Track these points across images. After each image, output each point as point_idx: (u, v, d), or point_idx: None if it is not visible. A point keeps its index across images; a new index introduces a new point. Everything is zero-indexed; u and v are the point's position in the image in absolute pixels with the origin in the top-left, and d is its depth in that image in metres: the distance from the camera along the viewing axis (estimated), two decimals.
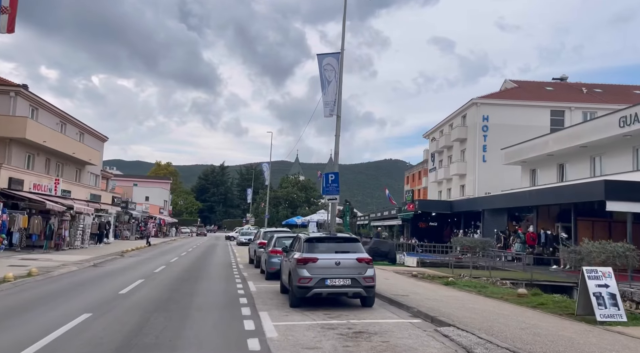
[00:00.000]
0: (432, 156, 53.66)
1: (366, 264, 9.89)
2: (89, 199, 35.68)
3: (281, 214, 66.40)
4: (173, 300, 10.77)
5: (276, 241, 15.72)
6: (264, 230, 21.16)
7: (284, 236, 16.61)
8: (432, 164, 53.64)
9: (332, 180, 18.39)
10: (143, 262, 22.40)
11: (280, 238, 15.96)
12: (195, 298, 11.19)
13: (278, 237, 16.06)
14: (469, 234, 33.23)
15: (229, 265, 21.39)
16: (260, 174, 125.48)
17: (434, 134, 53.71)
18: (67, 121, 34.29)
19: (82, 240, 30.35)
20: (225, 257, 27.28)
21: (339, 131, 19.16)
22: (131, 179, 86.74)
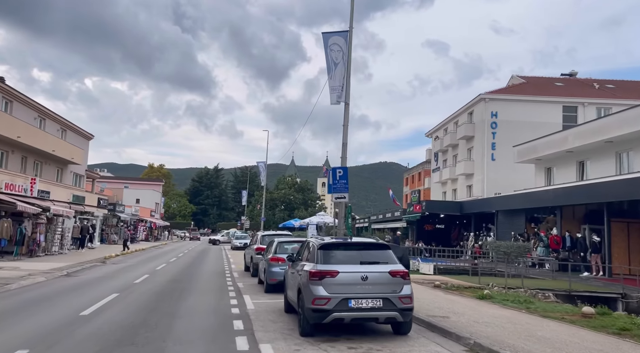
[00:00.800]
0: (436, 156, 51.39)
1: (402, 279, 7.50)
2: (71, 201, 33.04)
3: (278, 217, 63.85)
4: (146, 326, 8.27)
5: (277, 247, 13.29)
6: (261, 233, 18.70)
7: (287, 240, 14.18)
8: (436, 164, 51.36)
9: (341, 176, 15.99)
10: (125, 270, 19.86)
11: (283, 244, 13.53)
12: (176, 323, 8.70)
13: (280, 242, 13.63)
14: (481, 237, 30.93)
15: (222, 274, 18.90)
16: (255, 176, 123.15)
17: (437, 133, 51.49)
18: (47, 117, 31.66)
19: (61, 245, 27.72)
20: (219, 264, 24.77)
21: (348, 120, 16.80)
22: (121, 181, 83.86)
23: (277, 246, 13.24)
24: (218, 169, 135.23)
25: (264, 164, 52.72)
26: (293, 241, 13.71)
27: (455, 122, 45.84)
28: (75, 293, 12.70)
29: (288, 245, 13.65)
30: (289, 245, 13.54)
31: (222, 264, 24.37)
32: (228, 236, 58.44)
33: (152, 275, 17.70)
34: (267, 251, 14.59)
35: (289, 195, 65.26)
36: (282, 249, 13.16)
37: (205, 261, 27.03)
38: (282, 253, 12.88)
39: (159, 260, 26.29)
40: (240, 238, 43.31)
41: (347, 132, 16.75)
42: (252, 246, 18.52)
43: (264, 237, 17.81)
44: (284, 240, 13.87)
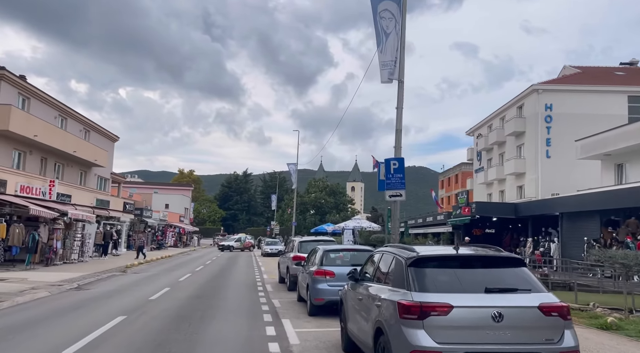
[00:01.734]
0: (479, 155, 47.70)
1: (560, 318, 4.59)
2: (94, 205, 31.27)
3: (308, 221, 61.25)
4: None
5: (324, 257, 10.48)
6: (299, 239, 15.95)
7: (336, 249, 11.33)
8: (479, 163, 47.66)
9: (396, 169, 13.12)
10: (143, 282, 17.48)
11: (330, 253, 10.71)
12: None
13: (326, 251, 10.78)
14: (542, 242, 27.35)
15: (253, 286, 16.25)
16: (284, 180, 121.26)
17: (480, 130, 47.80)
18: (69, 116, 30.00)
19: (82, 253, 25.77)
20: (249, 273, 22.19)
21: (402, 102, 13.95)
22: (151, 186, 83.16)
23: (324, 256, 10.44)
24: (247, 174, 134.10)
25: (294, 166, 50.25)
26: (345, 250, 10.91)
27: (502, 118, 42.18)
28: (72, 315, 10.25)
29: (333, 254, 10.84)
30: (334, 254, 10.74)
31: (252, 273, 21.78)
32: (241, 241, 54.30)
33: (172, 289, 15.21)
34: (309, 261, 11.83)
35: (320, 199, 62.60)
36: (330, 260, 10.38)
37: (235, 269, 24.52)
38: (331, 265, 10.12)
39: (184, 269, 23.95)
40: (271, 244, 40.80)
41: (402, 115, 13.89)
42: (288, 254, 15.82)
43: (303, 244, 15.08)
44: (331, 247, 11.04)
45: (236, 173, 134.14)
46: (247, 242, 58.08)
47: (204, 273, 22.01)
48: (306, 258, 12.32)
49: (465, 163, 70.54)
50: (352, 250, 10.73)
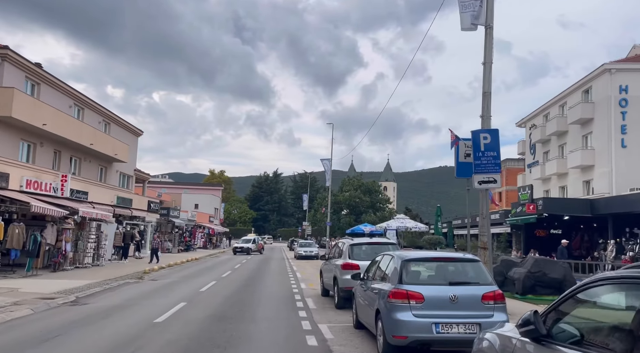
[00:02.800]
0: (533, 148, 43.08)
1: None
2: (114, 203, 28.71)
3: (343, 221, 57.70)
4: None
5: (404, 269, 6.83)
6: (348, 241, 12.38)
7: (419, 257, 7.57)
8: (533, 157, 43.04)
9: (488, 145, 9.52)
10: (157, 293, 14.38)
11: (410, 263, 7.04)
12: None
13: (406, 260, 7.05)
14: (631, 245, 22.92)
15: (290, 301, 12.87)
16: (315, 180, 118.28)
17: (534, 121, 43.17)
18: (86, 106, 27.55)
19: (97, 256, 23.09)
20: (284, 282, 18.86)
21: (492, 53, 10.31)
22: (180, 186, 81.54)
23: (403, 268, 6.79)
24: (277, 174, 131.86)
25: (328, 162, 46.86)
26: (435, 259, 7.26)
27: (562, 106, 37.56)
28: (38, 350, 7.10)
29: (420, 265, 7.23)
30: (423, 265, 7.16)
31: (287, 282, 18.43)
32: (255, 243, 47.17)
33: (190, 304, 12.00)
34: (372, 273, 8.32)
35: (355, 198, 58.89)
36: (413, 274, 6.81)
37: (266, 276, 21.24)
38: (415, 283, 6.57)
39: (209, 275, 20.86)
40: (305, 246, 37.51)
41: (491, 73, 10.23)
42: (334, 261, 12.35)
43: (355, 248, 11.57)
44: (412, 256, 7.36)
45: (266, 173, 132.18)
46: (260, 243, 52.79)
47: (231, 280, 18.83)
48: (367, 268, 8.79)
49: (510, 159, 65.47)
50: (447, 259, 7.14)
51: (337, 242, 13.40)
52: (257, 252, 45.64)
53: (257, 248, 46.53)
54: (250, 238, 49.09)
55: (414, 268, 6.85)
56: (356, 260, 11.12)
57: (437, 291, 6.34)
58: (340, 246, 12.39)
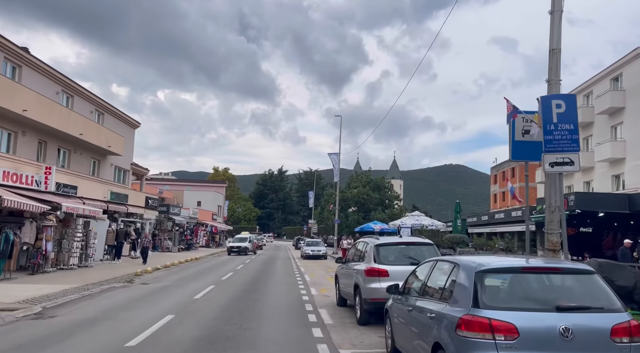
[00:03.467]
0: None
1: None
2: (108, 199, 26.61)
3: (351, 219, 55.32)
4: None
5: (479, 284, 4.51)
6: (372, 240, 9.97)
7: (504, 267, 5.03)
8: None
9: (562, 115, 7.26)
10: (143, 301, 12.19)
11: (487, 275, 4.69)
12: None
13: (481, 271, 4.66)
14: None
15: (300, 314, 10.65)
16: (320, 178, 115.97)
17: None
18: (76, 93, 25.42)
19: (85, 256, 20.97)
20: (292, 286, 16.64)
21: (561, 2, 8.01)
22: (183, 183, 79.54)
23: (478, 282, 4.44)
24: (282, 171, 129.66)
25: (336, 156, 44.58)
26: (541, 270, 4.88)
27: (586, 96, 35.11)
28: None
29: (517, 282, 4.77)
30: (516, 280, 4.80)
31: (296, 287, 16.21)
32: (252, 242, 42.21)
33: (179, 317, 9.81)
34: (414, 284, 6.07)
35: (363, 194, 56.45)
36: (497, 293, 4.49)
37: (271, 280, 19.02)
38: (502, 308, 4.27)
39: (208, 278, 18.68)
40: (312, 245, 35.31)
41: (560, 24, 8.02)
42: (355, 265, 10.07)
43: (382, 249, 9.27)
44: (498, 264, 4.86)
45: (271, 171, 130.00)
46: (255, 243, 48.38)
47: (232, 284, 16.63)
48: (407, 278, 6.53)
49: None
50: (550, 269, 4.78)
51: (357, 242, 11.11)
52: (252, 252, 40.18)
53: (252, 248, 41.29)
54: (246, 236, 43.37)
55: (495, 282, 4.56)
56: (384, 264, 8.88)
57: (539, 321, 4.08)
58: (362, 247, 10.11)
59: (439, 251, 9.29)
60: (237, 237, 44.66)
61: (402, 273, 8.63)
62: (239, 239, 41.98)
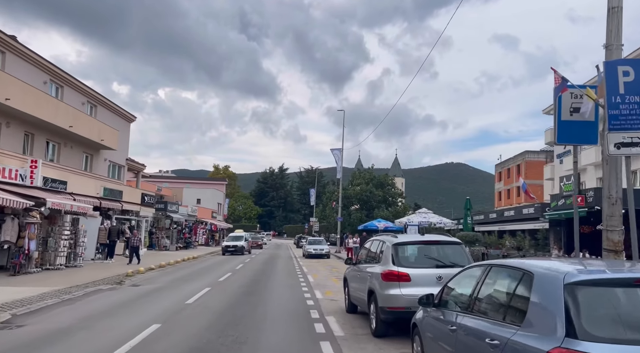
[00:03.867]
0: None
1: None
2: (101, 195, 25.33)
3: (354, 217, 53.99)
4: None
5: (570, 303, 3.13)
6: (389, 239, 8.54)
7: (620, 280, 3.37)
8: (564, 146, 39.15)
9: (631, 85, 5.90)
10: (129, 307, 10.90)
11: (582, 291, 3.20)
12: None
13: (572, 284, 3.09)
14: None
15: (305, 322, 9.36)
16: (321, 176, 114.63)
17: None
18: (65, 83, 24.13)
19: (74, 256, 19.69)
20: (294, 289, 15.35)
21: None
22: (182, 180, 78.30)
23: (570, 297, 3.11)
24: (283, 169, 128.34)
25: (339, 152, 43.30)
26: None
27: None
28: None
29: (623, 297, 3.25)
30: (621, 294, 3.35)
31: (298, 288, 14.91)
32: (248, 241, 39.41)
33: (166, 326, 8.52)
34: (456, 295, 4.73)
35: (366, 191, 55.09)
36: (596, 315, 3.12)
37: (272, 281, 17.72)
38: (607, 338, 2.90)
39: (204, 278, 17.38)
40: (315, 244, 34.01)
41: None
42: (368, 268, 8.73)
43: (401, 249, 7.93)
44: (600, 275, 3.30)
45: (272, 169, 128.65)
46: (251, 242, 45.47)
47: (230, 285, 15.34)
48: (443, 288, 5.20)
49: (529, 151, 61.82)
50: None
51: (370, 241, 9.76)
52: (248, 252, 37.25)
53: (248, 248, 38.32)
54: (241, 234, 40.44)
55: (597, 301, 3.15)
56: (404, 266, 7.57)
57: None
58: (376, 247, 8.77)
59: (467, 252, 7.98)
60: (231, 236, 41.08)
61: (426, 277, 7.34)
62: (233, 237, 38.84)
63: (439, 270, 7.49)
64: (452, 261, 7.68)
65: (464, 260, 7.71)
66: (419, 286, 7.37)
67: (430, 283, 7.37)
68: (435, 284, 7.42)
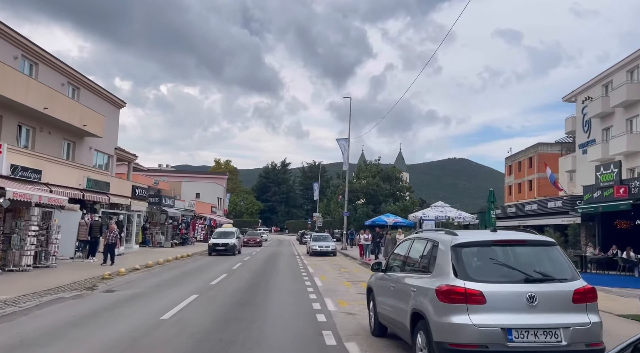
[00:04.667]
0: (587, 125, 36.52)
1: None
2: (84, 187, 22.78)
3: (360, 212, 51.41)
4: None
5: None
6: (444, 237, 5.89)
7: None
8: (587, 135, 36.48)
9: None
10: (86, 323, 8.28)
11: None
12: None
13: None
14: None
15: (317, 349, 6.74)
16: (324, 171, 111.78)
17: (589, 93, 36.50)
18: (41, 60, 21.49)
19: (45, 254, 17.13)
20: (299, 297, 12.73)
21: None
22: (180, 174, 75.79)
23: None
24: (285, 164, 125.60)
25: (345, 142, 40.58)
26: None
27: (630, 71, 30.95)
28: None
29: None
30: None
31: (305, 297, 12.28)
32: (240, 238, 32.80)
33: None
34: None
35: (373, 185, 52.45)
36: None
37: (273, 286, 15.09)
38: None
39: (194, 282, 14.79)
40: (320, 240, 31.40)
41: None
42: (409, 279, 6.05)
43: (466, 252, 5.27)
44: None
45: (274, 163, 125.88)
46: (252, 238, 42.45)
47: (221, 292, 12.73)
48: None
49: (542, 143, 59.04)
50: None
51: (408, 239, 7.03)
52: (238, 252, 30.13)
53: (239, 246, 31.21)
54: (231, 230, 32.81)
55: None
56: (474, 280, 4.90)
57: None
58: (421, 249, 6.09)
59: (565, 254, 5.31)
60: (218, 231, 32.45)
61: (510, 297, 4.72)
62: (222, 234, 30.98)
63: (529, 286, 4.86)
64: (547, 273, 5.06)
65: (564, 269, 5.09)
66: (500, 312, 4.75)
67: (517, 307, 4.76)
68: (525, 309, 4.78)
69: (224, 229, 33.98)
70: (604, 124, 34.11)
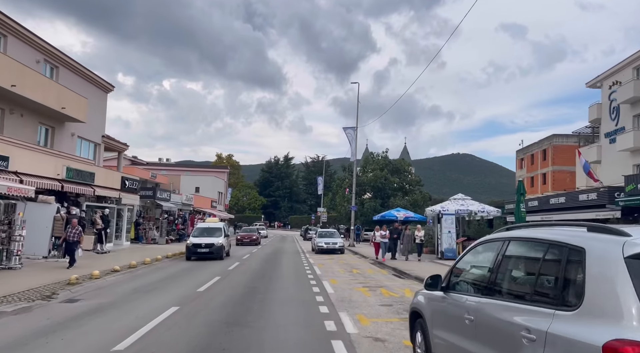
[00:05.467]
0: (615, 112, 33.68)
1: None
2: (63, 177, 20.23)
3: (367, 206, 48.78)
4: None
5: None
6: (601, 241, 2.97)
7: None
8: (615, 123, 33.65)
9: None
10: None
11: None
12: None
13: None
14: None
15: None
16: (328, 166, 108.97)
17: (616, 77, 33.64)
18: (11, 32, 18.88)
19: (7, 254, 14.59)
20: (308, 311, 10.12)
21: None
22: (180, 168, 73.31)
23: None
24: (288, 158, 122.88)
25: (352, 130, 37.87)
26: None
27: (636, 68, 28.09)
28: None
29: None
30: None
31: (316, 311, 9.68)
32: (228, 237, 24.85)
33: None
34: None
35: (381, 178, 49.80)
36: None
37: (273, 294, 12.46)
38: None
39: (177, 288, 12.20)
40: (326, 236, 28.81)
41: None
42: (510, 314, 3.48)
43: None
44: None
45: (277, 158, 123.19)
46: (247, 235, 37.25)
47: (208, 302, 10.14)
48: None
49: (557, 134, 56.19)
50: None
51: (504, 240, 4.37)
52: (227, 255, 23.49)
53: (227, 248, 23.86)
54: (218, 225, 24.59)
55: None
56: None
57: None
58: (535, 255, 3.46)
59: None
60: (200, 227, 24.57)
61: None
62: (204, 230, 23.38)
63: None
64: None
65: None
66: None
67: None
68: None
69: (207, 224, 26.02)
70: (635, 111, 31.29)
